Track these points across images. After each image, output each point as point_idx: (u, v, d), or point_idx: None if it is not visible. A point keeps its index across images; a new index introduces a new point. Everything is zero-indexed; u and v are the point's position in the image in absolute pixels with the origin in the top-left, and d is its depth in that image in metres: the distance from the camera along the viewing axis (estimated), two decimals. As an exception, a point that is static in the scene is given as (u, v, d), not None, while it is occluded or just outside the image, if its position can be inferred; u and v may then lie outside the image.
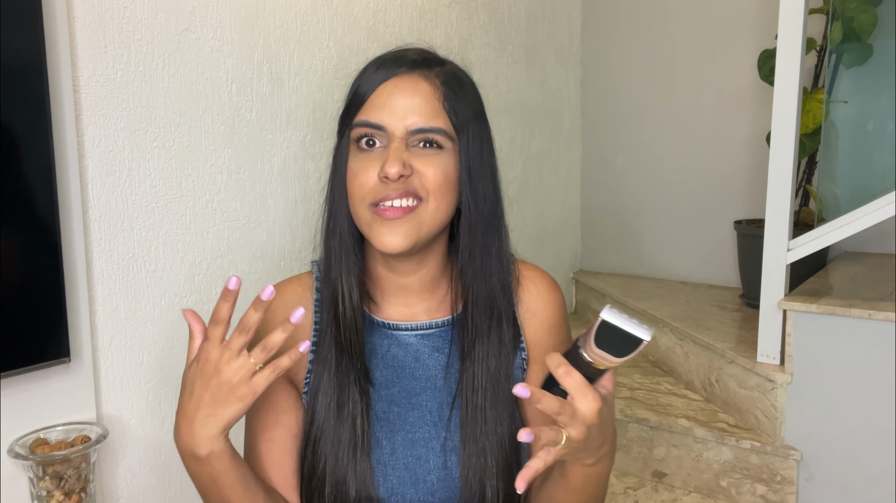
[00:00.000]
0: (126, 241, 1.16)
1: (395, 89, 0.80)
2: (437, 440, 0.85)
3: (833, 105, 2.06)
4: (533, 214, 2.58)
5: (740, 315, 2.25)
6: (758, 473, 1.76)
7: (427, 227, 0.81)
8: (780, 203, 1.74)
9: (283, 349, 0.75)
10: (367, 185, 0.80)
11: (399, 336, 0.88)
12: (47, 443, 1.03)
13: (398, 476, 0.84)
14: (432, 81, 0.80)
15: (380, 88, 0.80)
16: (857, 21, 2.02)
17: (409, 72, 0.81)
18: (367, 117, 0.80)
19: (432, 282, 0.89)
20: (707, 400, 2.00)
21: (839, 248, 2.39)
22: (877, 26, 2.02)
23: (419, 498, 0.84)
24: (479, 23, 2.14)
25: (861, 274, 2.06)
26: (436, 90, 0.80)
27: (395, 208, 0.79)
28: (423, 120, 0.79)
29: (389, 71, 0.81)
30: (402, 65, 0.81)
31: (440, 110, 0.80)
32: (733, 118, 2.56)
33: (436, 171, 0.80)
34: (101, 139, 1.11)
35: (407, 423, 0.85)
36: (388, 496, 0.83)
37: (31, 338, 1.01)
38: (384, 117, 0.79)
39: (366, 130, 0.80)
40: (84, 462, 1.03)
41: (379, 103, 0.80)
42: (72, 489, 1.01)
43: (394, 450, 0.85)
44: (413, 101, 0.79)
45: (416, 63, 0.81)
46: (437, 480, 0.84)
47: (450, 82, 0.82)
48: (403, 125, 0.79)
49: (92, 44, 1.09)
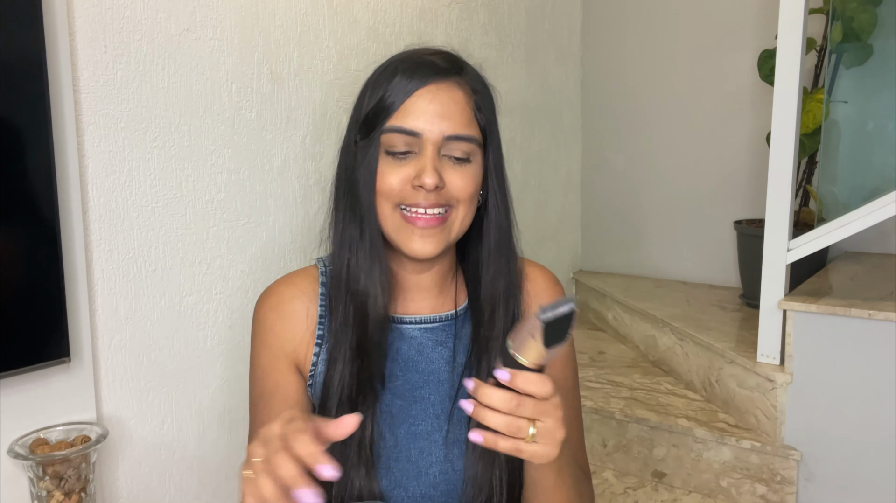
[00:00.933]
0: (126, 241, 1.16)
1: (432, 97, 0.80)
2: (439, 433, 0.86)
3: (833, 105, 2.06)
4: (533, 214, 2.58)
5: (740, 315, 2.25)
6: (758, 473, 1.76)
7: (455, 233, 0.85)
8: (780, 203, 1.74)
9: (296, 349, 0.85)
10: (396, 188, 0.81)
11: (403, 330, 0.89)
12: (47, 443, 1.03)
13: (401, 468, 0.85)
14: (465, 89, 0.83)
15: (414, 95, 0.81)
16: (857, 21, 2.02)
17: (445, 79, 0.82)
18: (401, 123, 0.80)
19: (442, 279, 0.91)
20: (707, 400, 2.00)
21: (839, 247, 2.39)
22: (877, 26, 2.02)
23: (421, 491, 0.85)
24: (479, 23, 2.14)
25: (861, 274, 2.06)
26: (468, 98, 0.83)
27: (429, 217, 0.81)
28: (458, 127, 0.81)
29: (423, 79, 0.81)
30: (434, 72, 0.82)
31: (472, 118, 0.82)
32: (733, 118, 2.56)
33: (467, 183, 0.82)
34: (101, 139, 1.11)
35: (410, 416, 0.86)
36: (390, 488, 0.84)
37: (31, 338, 1.01)
38: (420, 124, 0.80)
39: (399, 137, 0.80)
40: (84, 462, 1.03)
41: (414, 110, 0.80)
42: (72, 489, 1.01)
43: (397, 442, 0.85)
44: (449, 109, 0.80)
45: (448, 70, 0.83)
46: (439, 473, 0.85)
47: (479, 89, 0.84)
48: (439, 131, 0.80)
49: (92, 44, 1.09)
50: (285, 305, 0.89)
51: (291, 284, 0.91)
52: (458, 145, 0.81)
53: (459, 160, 0.82)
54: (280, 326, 0.89)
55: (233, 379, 1.35)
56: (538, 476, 0.77)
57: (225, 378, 1.34)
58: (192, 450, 1.29)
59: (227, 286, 1.33)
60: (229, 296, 1.34)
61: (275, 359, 0.88)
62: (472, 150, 0.83)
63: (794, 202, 1.76)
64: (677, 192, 2.73)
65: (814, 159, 2.19)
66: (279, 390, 0.87)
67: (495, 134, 0.87)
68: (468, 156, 0.82)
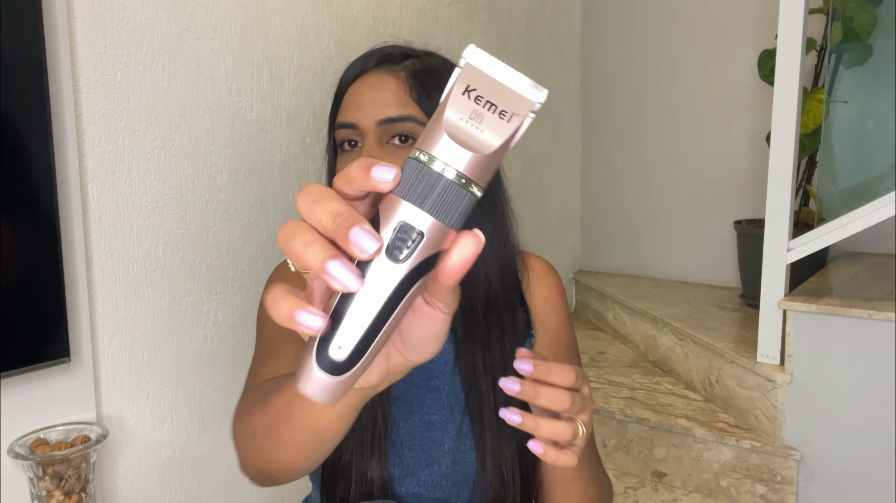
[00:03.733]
0: (126, 241, 1.16)
1: (360, 86, 0.82)
2: (452, 424, 0.86)
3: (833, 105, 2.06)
4: (533, 214, 2.58)
5: (740, 315, 2.25)
6: (758, 473, 1.76)
7: None
8: (780, 203, 1.74)
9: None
10: None
11: None
12: (47, 443, 1.03)
13: (413, 457, 0.86)
14: (397, 74, 0.82)
15: (350, 89, 0.83)
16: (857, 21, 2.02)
17: (375, 68, 0.83)
18: (340, 118, 0.83)
19: None
20: (707, 400, 2.00)
21: (839, 247, 2.39)
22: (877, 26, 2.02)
23: (432, 480, 0.85)
24: (479, 23, 2.14)
25: (861, 274, 2.06)
26: (401, 83, 0.81)
27: None
28: (391, 109, 0.80)
29: (357, 71, 0.84)
30: (368, 62, 0.83)
31: (408, 100, 0.80)
32: (733, 118, 2.56)
33: None
34: (101, 139, 1.11)
35: (424, 405, 0.87)
36: (402, 476, 0.85)
37: (31, 338, 1.01)
38: (353, 114, 0.81)
39: (342, 132, 0.83)
40: (84, 462, 1.03)
41: (349, 103, 0.82)
42: (72, 489, 1.01)
43: (411, 430, 0.86)
44: (379, 95, 0.80)
45: (381, 60, 0.83)
46: (450, 463, 0.85)
47: (418, 74, 0.82)
48: (371, 116, 0.80)
49: (92, 44, 1.09)
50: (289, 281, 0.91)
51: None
52: (395, 127, 0.80)
53: (403, 145, 0.81)
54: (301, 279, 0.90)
55: (233, 379, 1.35)
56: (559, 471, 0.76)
57: (225, 378, 1.34)
58: (192, 450, 1.29)
59: (227, 286, 1.33)
60: (229, 296, 1.33)
61: (296, 283, 0.87)
62: (414, 128, 0.80)
63: (794, 202, 1.76)
64: (677, 191, 2.73)
65: (814, 159, 2.19)
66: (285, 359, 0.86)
67: None
68: (410, 135, 0.80)
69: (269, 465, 0.60)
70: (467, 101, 0.36)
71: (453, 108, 0.36)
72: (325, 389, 0.36)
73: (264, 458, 0.60)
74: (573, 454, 0.63)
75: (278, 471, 0.60)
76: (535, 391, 0.61)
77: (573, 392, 0.62)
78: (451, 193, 0.35)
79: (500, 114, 0.36)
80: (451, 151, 0.35)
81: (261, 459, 0.60)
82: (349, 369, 0.36)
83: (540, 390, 0.61)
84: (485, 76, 0.37)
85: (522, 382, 0.61)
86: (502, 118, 0.36)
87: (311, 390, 0.36)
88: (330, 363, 0.36)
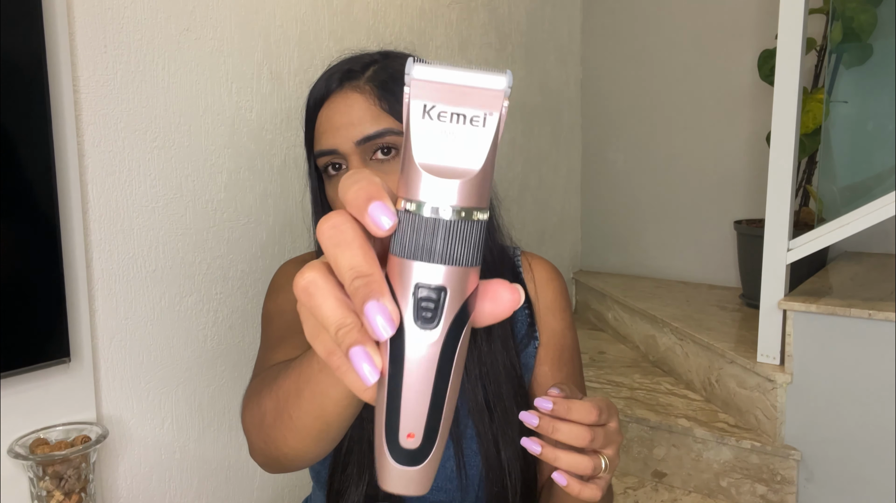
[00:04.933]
0: (126, 241, 1.16)
1: (329, 111, 0.81)
2: (455, 428, 0.86)
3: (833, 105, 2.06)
4: (533, 214, 2.58)
5: (740, 315, 2.25)
6: (758, 473, 1.76)
7: None
8: (780, 203, 1.74)
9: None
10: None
11: None
12: (47, 443, 1.03)
13: None
14: (362, 89, 0.81)
15: (319, 114, 0.83)
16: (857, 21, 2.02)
17: (339, 88, 0.82)
18: (319, 147, 0.82)
19: None
20: (707, 400, 2.00)
21: (839, 248, 2.39)
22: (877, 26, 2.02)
23: (436, 483, 0.86)
24: (479, 23, 2.14)
25: (861, 274, 2.06)
26: (367, 96, 0.80)
27: None
28: (366, 127, 0.79)
29: (321, 95, 0.83)
30: (331, 82, 0.82)
31: (379, 113, 0.79)
32: (733, 118, 2.56)
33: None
34: (101, 139, 1.11)
35: None
36: None
37: (31, 338, 1.01)
38: (330, 140, 0.80)
39: (324, 160, 0.82)
40: (84, 462, 1.03)
41: (322, 129, 0.82)
42: (72, 489, 1.01)
43: None
44: (350, 116, 0.79)
45: (343, 77, 0.82)
46: (455, 466, 0.86)
47: (381, 83, 0.81)
48: (349, 140, 0.79)
49: (92, 44, 1.09)
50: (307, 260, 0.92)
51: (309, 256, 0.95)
52: (374, 143, 0.79)
53: (387, 157, 0.80)
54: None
55: (233, 379, 1.35)
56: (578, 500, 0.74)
57: (225, 378, 1.34)
58: (192, 450, 1.29)
59: (227, 286, 1.33)
60: (229, 296, 1.34)
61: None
62: (393, 140, 0.80)
63: (794, 202, 1.76)
64: (677, 191, 2.73)
65: (814, 159, 2.19)
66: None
67: None
68: (393, 149, 0.80)
69: (278, 451, 0.60)
70: (431, 124, 0.31)
71: (419, 138, 0.31)
72: (413, 481, 0.33)
73: (272, 443, 0.60)
74: (597, 488, 0.63)
75: (286, 457, 0.60)
76: (553, 426, 0.62)
77: (596, 427, 0.63)
78: (456, 233, 0.31)
79: (472, 121, 0.31)
80: (436, 189, 0.30)
81: (269, 444, 0.60)
82: (428, 454, 0.33)
83: (558, 426, 0.62)
84: (438, 86, 0.31)
85: (542, 416, 0.62)
86: (475, 125, 0.31)
87: (399, 488, 0.33)
88: (406, 454, 0.33)
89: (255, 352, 1.34)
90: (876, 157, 2.02)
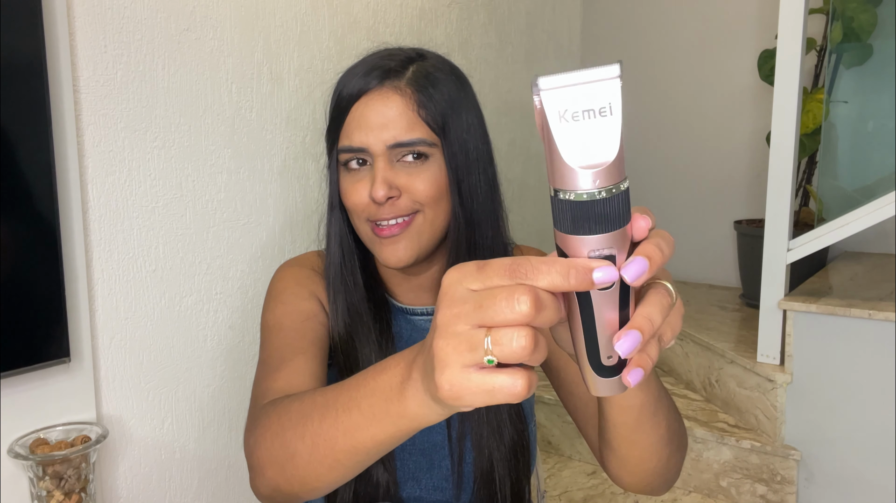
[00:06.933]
0: (126, 241, 1.16)
1: (366, 108, 0.80)
2: (452, 427, 0.87)
3: (833, 105, 2.06)
4: (533, 214, 2.58)
5: (740, 315, 2.25)
6: (758, 473, 1.76)
7: (427, 235, 0.83)
8: (780, 203, 1.74)
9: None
10: (361, 203, 0.81)
11: (415, 321, 0.91)
12: (47, 443, 1.03)
13: (415, 461, 0.86)
14: (403, 91, 0.79)
15: (353, 109, 0.81)
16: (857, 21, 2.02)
17: (379, 86, 0.80)
18: (348, 142, 0.81)
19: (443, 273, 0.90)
20: (707, 400, 2.00)
21: (839, 247, 2.39)
22: (877, 26, 2.02)
23: (433, 483, 0.86)
24: (479, 23, 2.14)
25: (861, 274, 2.06)
26: (408, 100, 0.79)
27: (391, 226, 0.81)
28: (400, 133, 0.78)
29: (360, 88, 0.80)
30: (370, 79, 0.80)
31: (416, 120, 0.79)
32: (733, 118, 2.56)
33: (426, 185, 0.80)
34: (101, 139, 1.11)
35: None
36: (403, 480, 0.86)
37: (31, 338, 1.01)
38: (362, 138, 0.79)
39: (348, 155, 0.81)
40: (84, 462, 1.03)
41: (355, 125, 0.80)
42: (72, 489, 1.01)
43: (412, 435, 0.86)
44: (386, 117, 0.78)
45: (384, 74, 0.80)
46: (451, 466, 0.86)
47: (421, 87, 0.80)
48: (381, 142, 0.79)
49: (92, 44, 1.09)
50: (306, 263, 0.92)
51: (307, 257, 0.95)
52: (406, 150, 0.79)
53: (415, 162, 0.80)
54: (305, 275, 0.90)
55: (233, 379, 1.35)
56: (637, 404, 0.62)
57: (225, 378, 1.34)
58: (192, 450, 1.29)
59: (227, 286, 1.33)
60: (229, 296, 1.34)
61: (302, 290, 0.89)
62: (425, 149, 0.79)
63: (794, 202, 1.76)
64: (677, 191, 2.73)
65: (814, 159, 2.19)
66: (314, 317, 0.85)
67: (454, 127, 0.81)
68: (422, 156, 0.80)
69: (304, 488, 0.58)
70: (568, 125, 0.36)
71: (563, 140, 0.36)
72: (615, 386, 0.44)
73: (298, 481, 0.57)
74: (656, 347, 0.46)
75: (312, 491, 0.58)
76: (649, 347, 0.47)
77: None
78: (611, 207, 0.37)
79: (601, 112, 0.36)
80: (586, 178, 0.37)
81: (294, 482, 0.58)
82: (624, 364, 0.43)
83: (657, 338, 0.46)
84: (563, 91, 0.37)
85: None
86: (604, 115, 0.36)
87: (606, 391, 0.44)
88: (609, 370, 0.43)
89: (255, 352, 1.34)
90: (876, 157, 2.02)
